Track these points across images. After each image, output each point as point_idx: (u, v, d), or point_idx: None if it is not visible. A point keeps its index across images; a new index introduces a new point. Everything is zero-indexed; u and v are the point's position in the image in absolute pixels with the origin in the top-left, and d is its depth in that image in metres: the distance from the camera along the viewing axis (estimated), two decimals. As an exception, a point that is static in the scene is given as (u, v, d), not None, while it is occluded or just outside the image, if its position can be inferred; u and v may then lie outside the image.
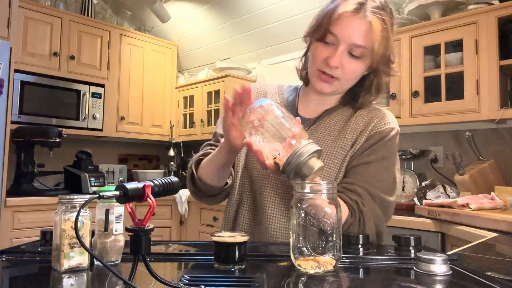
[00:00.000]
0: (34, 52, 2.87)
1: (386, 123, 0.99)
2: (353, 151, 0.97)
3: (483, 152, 2.06)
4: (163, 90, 3.66)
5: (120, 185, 0.58)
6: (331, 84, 0.95)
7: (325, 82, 0.95)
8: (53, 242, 0.66)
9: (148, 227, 0.59)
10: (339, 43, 0.91)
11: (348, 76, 0.95)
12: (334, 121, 1.02)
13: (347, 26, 0.89)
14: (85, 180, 2.90)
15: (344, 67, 0.92)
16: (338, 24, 0.90)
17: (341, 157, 0.97)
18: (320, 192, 0.69)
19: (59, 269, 0.64)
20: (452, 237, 1.63)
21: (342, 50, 0.91)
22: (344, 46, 0.91)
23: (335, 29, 0.90)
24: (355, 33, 0.89)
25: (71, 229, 0.65)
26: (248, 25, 3.25)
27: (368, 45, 0.90)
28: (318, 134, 1.01)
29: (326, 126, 1.02)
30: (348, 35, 0.89)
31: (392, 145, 0.98)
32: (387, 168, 0.98)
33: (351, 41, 0.90)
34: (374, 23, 0.89)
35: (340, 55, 0.91)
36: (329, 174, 0.96)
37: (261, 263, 0.73)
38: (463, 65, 2.00)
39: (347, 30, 0.89)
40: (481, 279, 0.63)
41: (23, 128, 2.72)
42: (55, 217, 0.66)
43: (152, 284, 0.59)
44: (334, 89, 0.97)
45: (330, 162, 0.96)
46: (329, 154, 0.97)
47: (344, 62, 0.92)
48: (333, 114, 1.04)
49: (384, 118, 1.00)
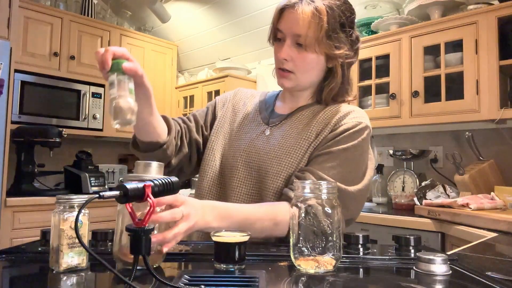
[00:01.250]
0: (34, 52, 2.87)
1: (353, 117, 1.00)
2: (316, 142, 0.98)
3: (483, 152, 2.06)
4: (163, 90, 3.67)
5: (120, 185, 0.58)
6: (289, 77, 1.01)
7: (283, 77, 1.02)
8: (51, 242, 0.66)
9: (148, 227, 0.59)
10: (285, 37, 0.98)
11: (301, 67, 1.00)
12: (304, 116, 1.05)
13: (287, 21, 0.98)
14: (85, 180, 2.90)
15: (294, 59, 0.99)
16: (281, 22, 0.99)
17: (304, 148, 0.98)
18: (320, 192, 0.69)
19: (58, 269, 0.64)
20: (452, 237, 1.63)
21: (288, 42, 0.98)
22: (289, 38, 0.98)
23: (280, 25, 0.99)
24: (293, 25, 0.96)
25: (70, 229, 0.65)
26: (248, 25, 3.25)
27: (306, 32, 0.95)
28: (286, 126, 1.04)
29: (295, 120, 1.05)
30: (289, 27, 0.97)
31: (358, 137, 0.97)
32: (352, 160, 0.96)
33: (292, 32, 0.97)
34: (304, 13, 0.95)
35: (287, 48, 0.98)
36: (291, 164, 0.97)
37: (261, 263, 0.73)
38: (463, 65, 2.00)
39: (287, 24, 0.98)
40: (481, 279, 0.63)
41: (23, 128, 2.72)
42: (52, 217, 0.66)
43: (152, 284, 0.59)
44: (294, 83, 1.02)
45: (293, 153, 0.98)
46: (292, 145, 0.99)
47: (293, 54, 0.98)
48: (305, 110, 1.07)
49: (352, 113, 1.01)
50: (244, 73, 3.41)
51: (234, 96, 1.20)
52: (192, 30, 3.65)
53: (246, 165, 1.02)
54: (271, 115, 1.10)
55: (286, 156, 0.98)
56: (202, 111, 1.19)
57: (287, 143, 1.00)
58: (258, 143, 1.03)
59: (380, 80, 2.32)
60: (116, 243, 0.66)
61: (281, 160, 0.98)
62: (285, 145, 1.00)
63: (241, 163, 1.02)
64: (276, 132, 1.04)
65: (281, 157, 0.98)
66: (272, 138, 1.03)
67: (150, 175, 0.69)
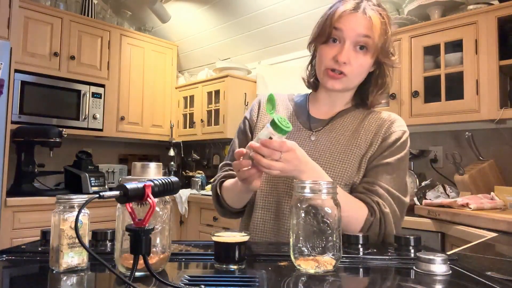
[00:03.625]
0: (34, 52, 2.87)
1: (399, 126, 1.04)
2: (372, 151, 1.00)
3: (482, 152, 2.06)
4: (163, 90, 3.67)
5: (120, 185, 0.58)
6: (341, 80, 0.99)
7: (335, 79, 0.99)
8: (51, 242, 0.66)
9: (148, 227, 0.59)
10: (345, 38, 0.96)
11: (356, 71, 0.99)
12: (348, 122, 1.06)
13: (349, 22, 0.96)
14: (85, 180, 2.90)
15: (351, 62, 0.97)
16: (341, 21, 0.96)
17: (359, 156, 1.00)
18: (320, 192, 0.69)
19: (58, 269, 0.64)
20: (452, 237, 1.63)
21: (348, 45, 0.96)
22: (350, 40, 0.96)
23: (340, 24, 0.96)
24: (358, 26, 0.95)
25: (70, 229, 0.65)
26: (248, 25, 3.26)
27: (372, 35, 0.95)
28: (333, 133, 1.04)
29: (340, 126, 1.05)
30: (352, 28, 0.96)
31: (405, 147, 1.02)
32: (404, 170, 1.01)
33: (356, 33, 0.95)
34: (373, 17, 0.96)
35: (347, 50, 0.96)
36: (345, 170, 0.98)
37: (261, 263, 0.73)
38: (462, 65, 2.00)
39: (350, 25, 0.96)
40: (481, 279, 0.63)
41: (23, 128, 2.72)
42: (52, 217, 0.66)
43: (152, 284, 0.59)
44: (344, 86, 1.01)
45: (346, 160, 0.99)
46: (344, 152, 1.00)
47: (351, 57, 0.97)
48: (346, 116, 1.07)
49: (397, 122, 1.04)
50: (244, 73, 3.41)
51: (259, 106, 1.15)
52: (192, 30, 3.65)
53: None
54: (311, 120, 1.08)
55: (339, 163, 0.98)
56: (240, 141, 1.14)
57: (337, 149, 1.00)
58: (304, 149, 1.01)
59: (380, 80, 2.32)
60: (118, 249, 0.65)
61: (334, 167, 0.98)
62: (335, 151, 1.00)
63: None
64: (322, 138, 1.03)
65: (333, 164, 0.98)
66: (319, 144, 1.02)
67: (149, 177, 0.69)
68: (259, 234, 1.01)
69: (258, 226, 1.02)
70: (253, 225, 1.03)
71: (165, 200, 0.66)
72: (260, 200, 1.03)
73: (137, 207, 0.61)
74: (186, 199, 3.08)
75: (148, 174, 0.68)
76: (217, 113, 3.31)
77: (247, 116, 1.16)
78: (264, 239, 1.01)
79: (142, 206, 0.61)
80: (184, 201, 3.08)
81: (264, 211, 1.02)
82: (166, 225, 0.66)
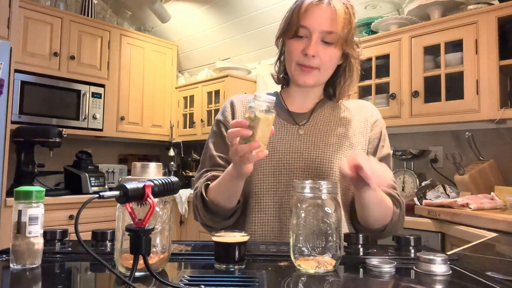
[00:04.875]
0: (34, 52, 2.87)
1: (377, 113, 1.11)
2: (365, 140, 1.05)
3: (483, 152, 2.06)
4: (163, 90, 3.67)
5: (120, 185, 0.58)
6: (312, 74, 1.00)
7: (307, 73, 1.00)
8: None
9: (148, 227, 0.59)
10: (312, 33, 0.96)
11: (326, 64, 1.00)
12: (328, 112, 1.08)
13: (315, 16, 0.96)
14: (85, 180, 2.90)
15: (320, 55, 0.97)
16: (306, 16, 0.96)
17: (364, 142, 1.05)
18: (320, 192, 0.69)
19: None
20: (452, 237, 1.63)
21: (316, 39, 0.96)
22: (317, 34, 0.96)
23: (305, 21, 0.97)
24: (324, 21, 0.96)
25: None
26: (248, 25, 3.25)
27: (337, 30, 0.96)
28: (319, 125, 1.05)
29: (322, 117, 1.07)
30: (318, 23, 0.96)
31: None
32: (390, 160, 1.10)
33: (322, 29, 0.96)
34: (338, 10, 0.96)
35: (315, 44, 0.96)
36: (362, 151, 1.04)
37: (261, 263, 0.73)
38: (463, 65, 2.00)
39: (316, 20, 0.96)
40: (481, 279, 0.63)
41: (23, 128, 2.72)
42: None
43: (152, 284, 0.59)
44: (316, 80, 1.02)
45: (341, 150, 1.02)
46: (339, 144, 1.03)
47: (320, 50, 0.97)
48: (324, 107, 1.10)
49: (374, 109, 1.12)
50: (244, 73, 3.41)
51: (232, 107, 1.12)
52: (192, 30, 3.65)
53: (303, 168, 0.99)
54: (293, 115, 1.07)
55: (335, 154, 1.00)
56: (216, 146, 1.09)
57: (330, 141, 1.02)
58: (297, 144, 1.02)
59: (380, 80, 2.32)
60: (118, 249, 0.65)
61: (330, 157, 1.00)
62: (328, 143, 1.02)
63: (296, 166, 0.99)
64: (311, 131, 1.04)
65: (328, 154, 1.00)
66: (310, 137, 1.03)
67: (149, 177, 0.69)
68: (258, 238, 1.00)
69: (256, 230, 1.00)
70: (250, 228, 1.00)
71: (165, 200, 0.66)
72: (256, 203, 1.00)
73: (137, 207, 0.61)
74: (186, 199, 3.08)
75: (148, 174, 0.68)
76: (217, 113, 3.30)
77: (221, 119, 1.11)
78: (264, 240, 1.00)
79: (142, 206, 0.61)
80: (184, 201, 3.08)
81: (262, 213, 1.00)
82: (166, 225, 0.66)
